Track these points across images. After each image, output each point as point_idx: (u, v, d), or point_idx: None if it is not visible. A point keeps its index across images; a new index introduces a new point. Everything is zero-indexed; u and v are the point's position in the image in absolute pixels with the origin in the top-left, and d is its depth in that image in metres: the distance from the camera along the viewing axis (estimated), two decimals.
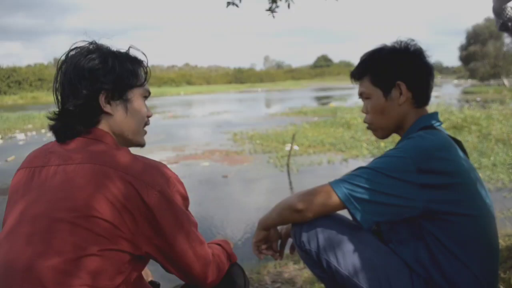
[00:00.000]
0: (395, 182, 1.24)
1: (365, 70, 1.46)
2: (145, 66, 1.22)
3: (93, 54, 1.12)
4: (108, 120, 1.13)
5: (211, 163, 7.43)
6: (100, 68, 1.10)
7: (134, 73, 1.16)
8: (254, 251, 1.53)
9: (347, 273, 1.31)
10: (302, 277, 2.55)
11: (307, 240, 1.36)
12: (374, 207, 1.26)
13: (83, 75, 1.09)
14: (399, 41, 1.45)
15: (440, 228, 1.27)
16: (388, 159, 1.30)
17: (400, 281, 1.29)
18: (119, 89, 1.13)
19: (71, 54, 1.13)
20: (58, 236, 0.97)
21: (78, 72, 1.09)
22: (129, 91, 1.15)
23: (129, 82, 1.15)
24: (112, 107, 1.13)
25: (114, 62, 1.12)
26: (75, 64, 1.10)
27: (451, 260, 1.26)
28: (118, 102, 1.14)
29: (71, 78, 1.09)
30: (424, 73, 1.42)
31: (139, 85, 1.18)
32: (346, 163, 7.00)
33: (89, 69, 1.09)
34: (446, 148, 1.30)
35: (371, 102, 1.46)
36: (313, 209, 1.32)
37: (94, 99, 1.09)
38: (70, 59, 1.12)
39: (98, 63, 1.10)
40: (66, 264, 0.95)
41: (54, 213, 0.99)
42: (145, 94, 1.21)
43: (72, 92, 1.09)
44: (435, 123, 1.41)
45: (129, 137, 1.18)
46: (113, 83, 1.11)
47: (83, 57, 1.11)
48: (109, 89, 1.11)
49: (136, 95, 1.17)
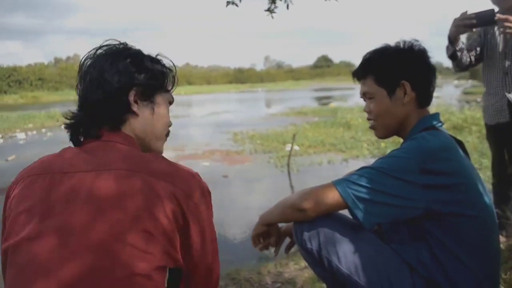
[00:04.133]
0: (398, 182, 1.24)
1: (368, 69, 1.46)
2: (174, 74, 1.20)
3: (129, 52, 1.11)
4: (133, 121, 1.08)
5: (211, 163, 7.43)
6: (135, 65, 1.08)
7: (164, 77, 1.15)
8: (253, 244, 1.56)
9: (348, 272, 1.31)
10: (303, 277, 2.55)
11: (308, 239, 1.36)
12: (376, 208, 1.26)
13: (117, 70, 1.06)
14: (403, 41, 1.44)
15: (442, 228, 1.27)
16: (391, 160, 1.30)
17: (401, 281, 1.29)
18: (149, 89, 1.10)
19: (100, 51, 1.10)
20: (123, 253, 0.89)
21: (112, 66, 1.06)
22: (158, 93, 1.13)
23: (160, 84, 1.14)
24: (139, 107, 1.09)
25: (148, 62, 1.11)
26: (112, 58, 1.07)
27: (453, 261, 1.26)
28: (146, 103, 1.10)
29: (104, 72, 1.05)
30: (428, 73, 1.43)
31: (168, 90, 1.17)
32: (346, 164, 6.99)
33: (124, 65, 1.07)
34: (448, 149, 1.30)
35: (374, 102, 1.45)
36: (316, 208, 1.32)
37: (124, 94, 1.06)
38: (103, 55, 1.09)
39: (133, 59, 1.09)
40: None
41: (114, 229, 0.90)
42: (170, 100, 1.19)
43: (103, 85, 1.05)
44: (436, 124, 1.41)
45: (151, 142, 1.13)
46: (146, 82, 1.09)
47: (118, 53, 1.09)
48: (141, 87, 1.08)
49: (163, 100, 1.15)
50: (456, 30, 2.41)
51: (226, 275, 2.67)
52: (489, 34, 2.61)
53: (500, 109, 2.56)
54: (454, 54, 2.57)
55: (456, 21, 2.36)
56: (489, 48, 2.62)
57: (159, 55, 1.18)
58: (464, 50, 2.58)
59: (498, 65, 2.57)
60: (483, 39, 2.64)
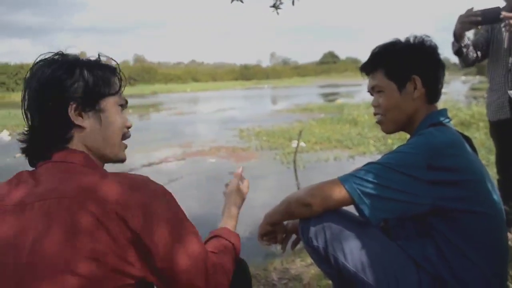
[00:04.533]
0: (405, 178, 1.24)
1: (378, 63, 1.44)
2: (118, 74, 1.13)
3: (58, 64, 1.03)
4: (81, 134, 1.03)
5: (217, 160, 7.43)
6: (67, 78, 1.01)
7: (105, 81, 1.07)
8: (259, 243, 1.56)
9: (354, 269, 1.31)
10: (309, 274, 2.55)
11: (314, 236, 1.36)
12: (382, 203, 1.25)
13: (47, 87, 1.00)
14: (414, 36, 1.43)
15: (449, 225, 1.26)
16: (398, 155, 1.29)
17: (407, 277, 1.28)
18: (89, 99, 1.03)
19: (35, 68, 1.04)
20: None
21: (42, 84, 1.01)
22: (101, 100, 1.06)
23: (101, 90, 1.06)
24: (84, 120, 1.03)
25: (82, 70, 1.04)
26: (39, 77, 1.02)
27: (460, 257, 1.26)
28: (91, 114, 1.04)
29: (36, 91, 1.01)
30: (438, 69, 1.42)
31: (113, 93, 1.09)
32: (353, 160, 6.97)
33: (55, 79, 1.00)
34: (456, 145, 1.29)
35: (383, 96, 1.44)
36: (321, 203, 1.31)
37: (62, 112, 1.00)
38: (34, 72, 1.03)
39: (63, 72, 1.02)
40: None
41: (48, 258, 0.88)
42: (120, 102, 1.12)
43: (38, 107, 1.01)
44: (444, 120, 1.40)
45: (106, 151, 1.08)
46: (82, 93, 1.02)
47: (47, 67, 1.02)
48: (78, 100, 1.02)
49: (110, 104, 1.08)
50: (461, 27, 2.39)
51: None
52: (496, 29, 2.59)
53: (502, 105, 2.55)
54: (459, 50, 2.55)
55: (461, 18, 2.34)
56: (495, 43, 2.60)
57: (101, 55, 1.12)
58: (470, 46, 2.57)
59: (502, 62, 2.55)
60: (490, 34, 2.62)
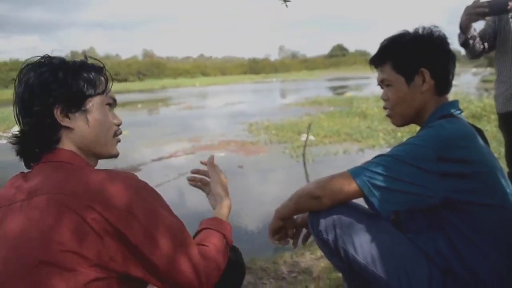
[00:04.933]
0: (415, 170, 1.23)
1: (386, 56, 1.43)
2: (104, 74, 1.15)
3: (43, 68, 1.06)
4: (70, 135, 1.06)
5: (226, 154, 7.45)
6: (51, 81, 1.04)
7: (90, 82, 1.09)
8: (270, 240, 1.55)
9: (364, 262, 1.31)
10: (319, 267, 2.55)
11: (324, 229, 1.36)
12: (393, 195, 1.25)
13: (33, 91, 1.03)
14: (422, 28, 1.42)
15: (461, 217, 1.25)
16: (408, 147, 1.28)
17: (418, 270, 1.28)
18: (75, 101, 1.06)
19: (22, 73, 1.07)
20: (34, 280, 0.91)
21: (28, 88, 1.04)
22: (87, 100, 1.08)
23: (86, 91, 1.08)
24: (72, 121, 1.06)
25: (66, 73, 1.06)
26: (25, 81, 1.05)
27: (471, 250, 1.25)
28: (77, 115, 1.07)
29: (23, 96, 1.04)
30: (447, 60, 1.40)
31: (99, 93, 1.11)
32: (362, 153, 6.95)
33: (38, 84, 1.03)
34: (467, 137, 1.28)
35: (392, 89, 1.43)
36: (331, 196, 1.31)
37: (48, 114, 1.04)
38: (21, 77, 1.06)
39: (48, 76, 1.04)
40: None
41: (24, 257, 0.92)
42: (108, 101, 1.14)
43: (26, 111, 1.05)
44: (455, 112, 1.38)
45: (97, 149, 1.11)
46: (67, 95, 1.05)
47: (32, 72, 1.05)
48: (64, 102, 1.04)
49: (96, 104, 1.10)
50: (468, 18, 2.37)
51: None
52: (503, 20, 2.55)
53: (510, 97, 2.51)
54: (466, 42, 2.52)
55: (468, 9, 2.32)
56: (502, 34, 2.56)
57: (87, 57, 1.15)
58: (476, 38, 2.53)
59: (510, 53, 2.51)
60: (497, 25, 2.58)
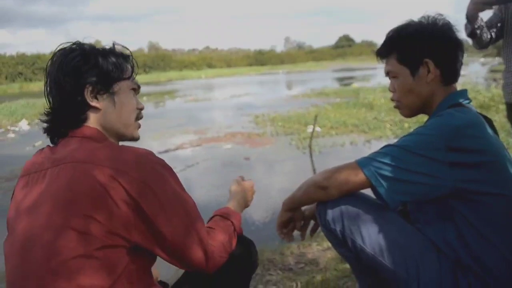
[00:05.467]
0: (423, 160, 1.22)
1: (391, 48, 1.42)
2: (130, 60, 1.24)
3: (75, 52, 1.15)
4: (97, 115, 1.15)
5: (233, 146, 7.45)
6: (82, 64, 1.13)
7: (118, 67, 1.19)
8: (278, 233, 1.54)
9: (372, 252, 1.31)
10: (326, 258, 2.56)
11: (332, 219, 1.35)
12: (401, 186, 1.24)
13: (66, 73, 1.12)
14: (427, 16, 1.40)
15: (470, 207, 1.25)
16: (416, 137, 1.27)
17: (427, 261, 1.28)
18: (104, 83, 1.15)
19: (55, 56, 1.16)
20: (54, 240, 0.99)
21: (61, 70, 1.12)
22: (115, 84, 1.17)
23: (114, 75, 1.17)
24: (100, 101, 1.15)
25: (96, 58, 1.15)
26: (58, 64, 1.14)
27: (480, 241, 1.24)
28: (105, 96, 1.16)
29: (56, 77, 1.13)
30: (453, 49, 1.38)
31: (126, 78, 1.20)
32: (369, 144, 6.92)
33: (72, 66, 1.12)
34: (476, 126, 1.26)
35: (398, 81, 1.42)
36: (338, 187, 1.31)
37: (79, 94, 1.12)
38: (55, 60, 1.16)
39: (80, 59, 1.13)
40: (59, 266, 0.97)
41: (50, 218, 1.01)
42: (133, 86, 1.23)
43: (58, 91, 1.14)
44: (464, 101, 1.37)
45: (121, 130, 1.19)
46: (97, 77, 1.14)
47: (65, 56, 1.14)
48: (94, 83, 1.13)
49: (123, 88, 1.19)
50: (474, 8, 2.34)
51: None
52: (510, 9, 2.51)
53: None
54: (473, 32, 2.49)
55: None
56: (509, 24, 2.52)
57: (115, 44, 1.23)
58: (484, 28, 2.50)
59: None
60: (504, 13, 2.55)
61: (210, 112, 13.04)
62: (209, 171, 5.87)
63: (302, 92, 17.85)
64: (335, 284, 2.19)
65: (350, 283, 2.16)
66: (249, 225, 3.74)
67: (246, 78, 34.80)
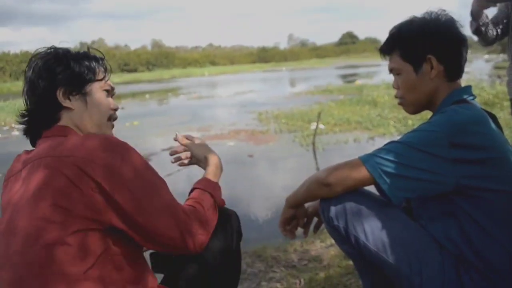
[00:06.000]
0: (427, 156, 1.22)
1: (394, 45, 1.42)
2: (103, 63, 1.30)
3: (49, 55, 1.21)
4: (69, 115, 1.20)
5: (236, 143, 7.45)
6: (55, 67, 1.19)
7: (90, 69, 1.24)
8: (281, 230, 1.54)
9: (375, 249, 1.31)
10: (329, 255, 2.56)
11: (335, 216, 1.35)
12: (404, 182, 1.24)
13: (40, 74, 1.19)
14: (430, 12, 1.39)
15: (473, 204, 1.24)
16: (420, 133, 1.27)
17: (430, 258, 1.28)
18: (75, 84, 1.21)
19: (31, 60, 1.22)
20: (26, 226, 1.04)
21: (35, 73, 1.19)
22: (87, 85, 1.23)
23: (86, 77, 1.23)
24: (72, 102, 1.20)
25: (68, 60, 1.21)
26: (33, 66, 1.21)
27: (484, 237, 1.24)
28: (78, 97, 1.22)
29: (31, 79, 1.20)
30: (456, 45, 1.37)
31: (98, 79, 1.26)
32: (372, 142, 6.90)
33: (45, 68, 1.19)
34: (480, 122, 1.26)
35: (401, 78, 1.42)
36: (342, 183, 1.31)
37: (51, 95, 1.18)
38: (30, 64, 1.22)
39: (53, 62, 1.20)
40: (36, 256, 1.01)
41: (23, 215, 1.05)
42: (106, 88, 1.28)
43: (32, 92, 1.20)
44: (468, 97, 1.37)
45: (93, 130, 1.23)
46: (69, 79, 1.19)
47: (40, 59, 1.21)
48: (66, 85, 1.19)
49: (95, 89, 1.25)
50: (478, 5, 2.33)
51: (253, 252, 2.70)
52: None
53: None
54: (478, 29, 2.48)
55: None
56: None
57: (90, 48, 1.30)
58: (489, 24, 2.49)
59: None
60: (509, 10, 2.53)
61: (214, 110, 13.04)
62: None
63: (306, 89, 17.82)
64: (339, 281, 2.19)
65: (354, 280, 2.16)
66: (252, 222, 3.74)
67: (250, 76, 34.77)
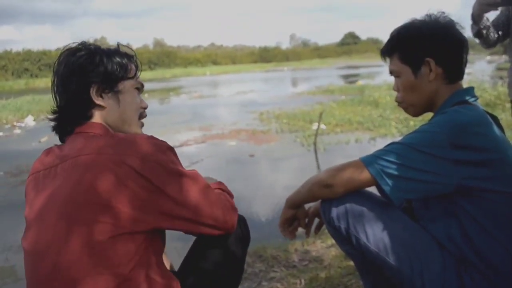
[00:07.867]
0: (428, 157, 1.22)
1: (393, 48, 1.43)
2: (134, 60, 1.28)
3: (81, 52, 1.19)
4: (102, 112, 1.19)
5: (237, 143, 7.45)
6: (88, 63, 1.17)
7: (123, 66, 1.23)
8: (280, 230, 1.53)
9: (377, 250, 1.31)
10: (330, 255, 2.56)
11: (336, 217, 1.35)
12: (405, 184, 1.24)
13: (72, 71, 1.17)
14: (429, 14, 1.40)
15: (474, 205, 1.25)
16: (421, 134, 1.27)
17: (431, 258, 1.28)
18: (108, 82, 1.19)
19: (62, 56, 1.21)
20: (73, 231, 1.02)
21: (68, 69, 1.17)
22: (119, 83, 1.22)
23: (119, 74, 1.21)
24: (104, 100, 1.19)
25: (101, 57, 1.19)
26: (65, 63, 1.18)
27: (485, 238, 1.24)
28: (110, 95, 1.20)
29: (63, 76, 1.18)
30: (455, 47, 1.37)
31: (130, 77, 1.24)
32: (374, 142, 6.90)
33: (78, 65, 1.17)
34: (482, 123, 1.26)
35: (401, 80, 1.42)
36: (343, 185, 1.31)
37: (84, 92, 1.17)
38: (61, 60, 1.20)
39: (86, 58, 1.18)
40: (82, 255, 1.01)
41: (64, 211, 1.04)
42: (137, 85, 1.27)
43: (64, 89, 1.18)
44: (470, 98, 1.37)
45: (124, 128, 1.23)
46: (102, 76, 1.18)
47: (72, 55, 1.19)
48: (99, 82, 1.18)
49: (127, 87, 1.24)
50: (479, 9, 2.33)
51: (253, 252, 2.70)
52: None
53: None
54: (479, 32, 2.48)
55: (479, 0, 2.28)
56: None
57: (119, 44, 1.28)
58: (490, 27, 2.49)
59: None
60: (510, 12, 2.54)
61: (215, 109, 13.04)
62: (213, 168, 5.87)
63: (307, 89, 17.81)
64: (339, 282, 2.19)
65: (354, 281, 2.16)
66: (253, 221, 3.74)
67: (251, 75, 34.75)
